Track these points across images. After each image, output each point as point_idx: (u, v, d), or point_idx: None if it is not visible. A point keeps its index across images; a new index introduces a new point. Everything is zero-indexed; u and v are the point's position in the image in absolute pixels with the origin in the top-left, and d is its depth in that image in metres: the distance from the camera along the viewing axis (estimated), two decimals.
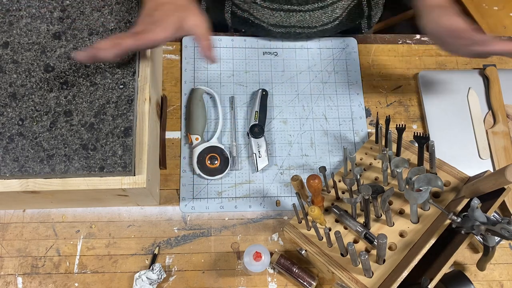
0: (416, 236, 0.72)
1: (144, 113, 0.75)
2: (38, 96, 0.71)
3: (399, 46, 1.02)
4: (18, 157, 0.68)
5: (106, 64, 0.73)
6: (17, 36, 0.74)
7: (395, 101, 0.97)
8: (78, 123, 0.70)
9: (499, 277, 0.84)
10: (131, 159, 0.69)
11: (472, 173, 0.77)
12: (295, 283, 0.81)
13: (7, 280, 0.79)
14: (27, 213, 0.83)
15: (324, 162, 0.91)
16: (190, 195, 0.87)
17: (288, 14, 0.93)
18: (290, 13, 0.93)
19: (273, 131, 0.93)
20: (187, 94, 0.94)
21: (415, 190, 0.71)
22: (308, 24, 0.96)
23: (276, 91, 0.96)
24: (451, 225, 0.69)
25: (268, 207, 0.87)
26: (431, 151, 0.77)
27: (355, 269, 0.71)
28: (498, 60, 1.02)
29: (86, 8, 0.76)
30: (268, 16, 0.94)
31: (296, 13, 0.93)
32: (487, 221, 0.65)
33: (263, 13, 0.94)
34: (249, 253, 0.75)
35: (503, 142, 0.91)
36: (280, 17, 0.94)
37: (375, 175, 0.84)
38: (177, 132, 0.91)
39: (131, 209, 0.85)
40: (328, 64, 0.99)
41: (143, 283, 0.77)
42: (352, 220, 0.76)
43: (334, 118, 0.94)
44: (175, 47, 0.99)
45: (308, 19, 0.94)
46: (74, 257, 0.81)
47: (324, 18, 0.96)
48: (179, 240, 0.84)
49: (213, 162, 0.87)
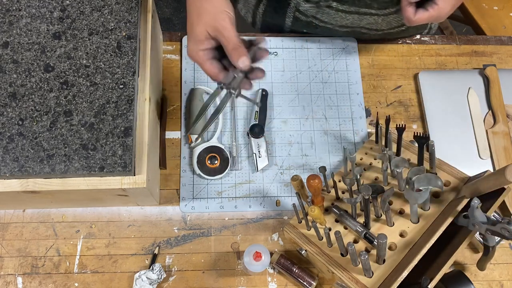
0: (416, 236, 0.72)
1: (144, 113, 0.75)
2: (38, 96, 0.71)
3: (399, 46, 1.02)
4: (18, 157, 0.68)
5: (106, 64, 0.73)
6: (17, 36, 0.74)
7: (395, 101, 0.97)
8: (78, 123, 0.70)
9: (499, 277, 0.84)
10: (131, 159, 0.69)
11: (472, 173, 0.77)
12: (295, 283, 0.81)
13: (7, 280, 0.79)
14: (27, 213, 0.83)
15: (324, 162, 0.91)
16: (190, 195, 0.87)
17: (362, 17, 0.91)
18: (365, 16, 0.90)
19: (273, 131, 0.93)
20: (187, 94, 0.94)
21: (415, 190, 0.71)
22: (377, 27, 0.95)
23: (276, 91, 0.96)
24: (451, 225, 0.69)
25: (268, 207, 0.87)
26: (431, 151, 0.77)
27: (355, 269, 0.71)
28: (498, 60, 1.02)
29: (86, 8, 0.76)
30: (339, 18, 0.92)
31: (371, 16, 0.91)
32: (487, 221, 0.65)
33: (334, 17, 0.92)
34: (249, 253, 0.75)
35: (503, 142, 0.91)
36: (352, 19, 0.92)
37: (375, 175, 0.84)
38: (177, 132, 0.91)
39: (131, 209, 0.85)
40: (328, 64, 0.99)
41: (143, 283, 0.77)
42: (352, 220, 0.76)
43: (334, 118, 0.94)
44: (175, 47, 0.99)
45: (380, 22, 0.93)
46: (74, 257, 0.81)
47: (394, 23, 0.95)
48: (179, 240, 0.84)
49: (213, 162, 0.87)
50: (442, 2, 0.72)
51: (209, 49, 0.65)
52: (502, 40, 1.04)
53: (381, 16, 0.91)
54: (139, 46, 0.76)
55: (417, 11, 0.73)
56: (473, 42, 1.04)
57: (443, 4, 0.72)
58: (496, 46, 1.04)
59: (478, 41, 1.04)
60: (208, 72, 0.66)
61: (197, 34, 0.64)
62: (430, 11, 0.72)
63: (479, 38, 1.05)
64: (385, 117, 0.84)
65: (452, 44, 1.03)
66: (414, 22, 0.73)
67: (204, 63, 0.65)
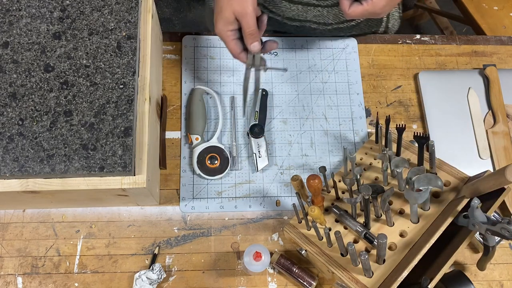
0: (416, 236, 0.72)
1: (144, 113, 0.75)
2: (38, 96, 0.71)
3: (399, 46, 1.02)
4: (18, 157, 0.68)
5: (106, 64, 0.73)
6: (17, 36, 0.74)
7: (395, 101, 0.97)
8: (78, 123, 0.70)
9: (499, 277, 0.84)
10: (131, 159, 0.69)
11: (472, 173, 0.77)
12: (295, 283, 0.81)
13: (7, 280, 0.79)
14: (27, 213, 0.83)
15: (324, 162, 0.91)
16: (190, 195, 0.87)
17: (306, 8, 0.93)
18: (308, 7, 0.92)
19: (273, 131, 0.93)
20: (187, 94, 0.94)
21: (415, 190, 0.71)
22: (325, 21, 0.96)
23: (276, 91, 0.96)
24: (451, 225, 0.69)
25: (268, 207, 0.87)
26: (431, 151, 0.77)
27: (355, 269, 0.71)
28: (498, 60, 1.02)
29: (86, 8, 0.76)
30: (284, 9, 0.94)
31: (314, 8, 0.92)
32: (487, 221, 0.65)
33: (280, 6, 0.94)
34: (249, 253, 0.75)
35: (503, 142, 0.91)
36: (297, 10, 0.93)
37: (375, 175, 0.84)
38: (177, 132, 0.91)
39: (131, 209, 0.85)
40: (328, 64, 0.99)
41: (143, 283, 0.77)
42: (352, 220, 0.76)
43: (334, 118, 0.94)
44: (175, 47, 0.99)
45: (326, 14, 0.94)
46: (74, 257, 0.81)
47: (341, 16, 0.95)
48: (179, 240, 0.84)
49: (213, 162, 0.87)
50: None
51: (235, 29, 0.75)
52: (502, 40, 1.04)
53: (324, 7, 0.92)
54: (139, 46, 0.76)
55: (352, 4, 0.74)
56: (473, 42, 1.04)
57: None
58: (496, 46, 1.04)
59: (478, 41, 1.04)
60: (231, 50, 0.77)
61: (226, 16, 0.73)
62: (364, 5, 0.73)
63: (479, 38, 1.05)
64: (385, 117, 0.84)
65: (452, 44, 1.03)
66: (349, 15, 0.75)
67: (230, 42, 0.76)
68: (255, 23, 0.73)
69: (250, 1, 0.72)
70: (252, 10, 0.72)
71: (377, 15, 0.75)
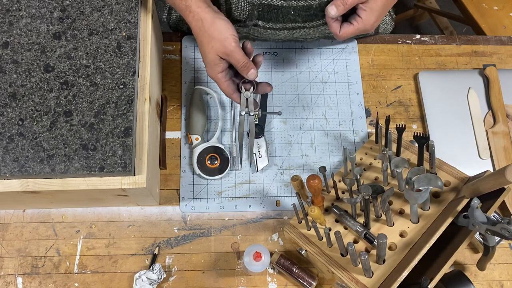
0: (416, 236, 0.72)
1: (144, 113, 0.75)
2: (38, 96, 0.71)
3: (399, 46, 1.02)
4: (18, 157, 0.68)
5: (106, 64, 0.73)
6: (17, 36, 0.74)
7: (395, 101, 0.97)
8: (78, 123, 0.70)
9: (499, 277, 0.84)
10: (131, 159, 0.69)
11: (472, 173, 0.77)
12: (295, 283, 0.81)
13: (7, 280, 0.79)
14: (27, 213, 0.83)
15: (324, 162, 0.91)
16: (190, 195, 0.87)
17: (292, 31, 0.92)
18: (294, 30, 0.91)
19: (273, 131, 0.93)
20: (187, 94, 0.94)
21: (415, 190, 0.71)
22: (311, 36, 0.96)
23: (276, 91, 0.96)
24: (451, 225, 0.69)
25: (268, 207, 0.87)
26: (431, 151, 0.77)
27: (355, 269, 0.71)
28: (498, 60, 1.02)
29: (86, 8, 0.76)
30: (270, 35, 0.94)
31: (300, 29, 0.91)
32: (487, 221, 0.65)
33: (265, 34, 0.93)
34: (249, 253, 0.75)
35: (503, 142, 0.91)
36: (283, 34, 0.93)
37: (375, 175, 0.84)
38: (177, 132, 0.91)
39: (131, 209, 0.85)
40: (328, 64, 0.99)
41: (143, 283, 0.77)
42: (352, 220, 0.76)
43: (334, 118, 0.94)
44: (175, 47, 0.99)
45: (312, 33, 0.93)
46: (74, 257, 0.81)
47: (328, 31, 0.95)
48: (179, 240, 0.84)
49: (213, 162, 0.87)
50: (366, 14, 0.72)
51: (225, 70, 0.75)
52: (502, 40, 1.04)
53: (310, 28, 0.91)
54: (139, 46, 0.76)
55: (342, 25, 0.74)
56: (473, 42, 1.04)
57: (367, 17, 0.72)
58: (496, 46, 1.04)
59: (478, 41, 1.04)
60: (224, 92, 0.77)
61: (211, 59, 0.73)
62: (355, 25, 0.73)
63: (479, 38, 1.05)
64: (385, 117, 0.84)
65: (452, 44, 1.03)
66: (341, 37, 0.75)
67: (222, 84, 0.76)
68: (244, 55, 0.72)
69: (230, 38, 0.71)
70: (235, 45, 0.71)
71: (370, 30, 0.75)
